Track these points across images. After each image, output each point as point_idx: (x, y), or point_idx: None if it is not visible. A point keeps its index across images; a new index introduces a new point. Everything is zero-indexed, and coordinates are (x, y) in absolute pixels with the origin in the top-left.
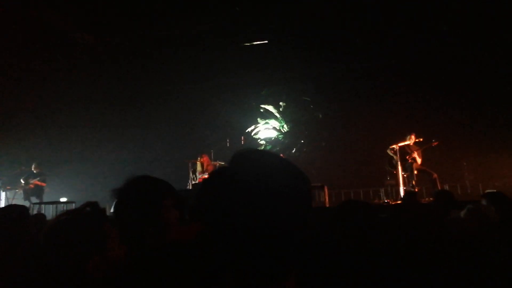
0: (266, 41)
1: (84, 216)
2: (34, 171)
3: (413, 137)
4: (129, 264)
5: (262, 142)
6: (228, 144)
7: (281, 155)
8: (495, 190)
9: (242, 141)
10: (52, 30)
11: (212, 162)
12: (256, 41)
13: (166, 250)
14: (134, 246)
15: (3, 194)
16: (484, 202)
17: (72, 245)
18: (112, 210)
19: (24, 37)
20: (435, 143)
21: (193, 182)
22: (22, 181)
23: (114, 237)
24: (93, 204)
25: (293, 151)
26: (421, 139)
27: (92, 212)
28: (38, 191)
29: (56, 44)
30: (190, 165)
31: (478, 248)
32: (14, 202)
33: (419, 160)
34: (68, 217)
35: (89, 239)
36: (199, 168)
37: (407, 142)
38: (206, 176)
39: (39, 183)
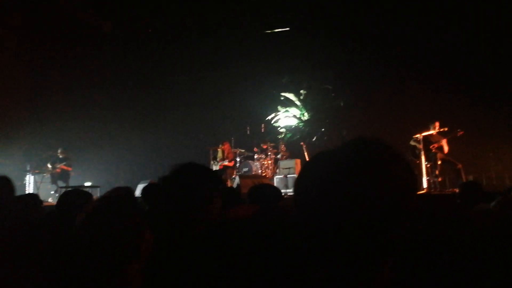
0: (288, 28)
1: (120, 202)
2: (60, 156)
3: (437, 125)
4: (177, 248)
5: (282, 130)
6: (248, 132)
7: (302, 143)
8: None
9: (262, 129)
10: (77, 19)
11: (233, 150)
12: (277, 29)
13: (226, 227)
14: (175, 232)
15: (32, 178)
16: None
17: (110, 231)
18: (140, 195)
19: (49, 24)
20: (461, 133)
21: (214, 169)
22: (49, 165)
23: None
24: (126, 189)
25: (314, 139)
26: (446, 128)
27: (125, 198)
28: (64, 175)
29: (80, 33)
30: (211, 152)
31: (508, 241)
32: (42, 186)
33: (446, 149)
34: (104, 203)
35: (127, 226)
36: (219, 155)
37: (431, 131)
38: (226, 163)
39: (65, 167)
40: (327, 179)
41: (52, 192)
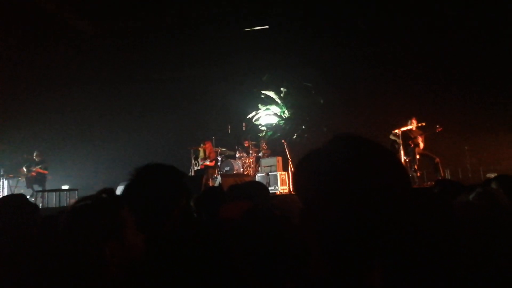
0: (267, 26)
1: (101, 202)
2: (36, 159)
3: (414, 121)
4: (175, 242)
5: (263, 128)
6: (229, 130)
7: (283, 141)
8: (495, 174)
9: (244, 128)
10: (50, 18)
11: (214, 149)
12: (257, 27)
13: (217, 226)
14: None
15: (5, 182)
16: (494, 185)
17: (89, 231)
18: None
19: (23, 23)
20: (439, 129)
21: (195, 169)
22: (24, 169)
23: (131, 224)
24: (109, 190)
25: (294, 137)
26: (424, 124)
27: (108, 199)
28: (40, 179)
29: (55, 31)
30: (192, 151)
31: (489, 232)
32: (16, 190)
33: (422, 145)
34: (85, 203)
35: (106, 225)
36: (201, 154)
37: (409, 127)
38: (208, 163)
39: (41, 170)
40: (325, 179)
41: (28, 197)
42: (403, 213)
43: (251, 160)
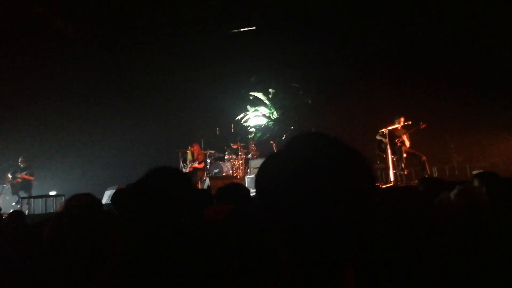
0: (254, 28)
1: (85, 208)
2: (21, 165)
3: (402, 120)
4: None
5: (252, 129)
6: (218, 132)
7: (272, 142)
8: (481, 171)
9: (232, 129)
10: (36, 22)
11: (203, 151)
12: (244, 28)
13: (201, 228)
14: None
15: None
16: (476, 182)
17: (73, 236)
18: (108, 201)
19: (8, 29)
20: (423, 126)
21: (184, 171)
22: (9, 175)
23: (112, 229)
24: (90, 195)
25: (283, 138)
26: (410, 122)
27: (91, 204)
28: (26, 185)
29: (40, 36)
30: (180, 154)
31: (468, 229)
32: (1, 197)
33: (407, 143)
34: (69, 211)
35: (90, 230)
36: (189, 157)
37: (396, 126)
38: (196, 165)
39: (26, 177)
40: (284, 179)
41: (13, 204)
42: (369, 212)
43: (240, 161)
